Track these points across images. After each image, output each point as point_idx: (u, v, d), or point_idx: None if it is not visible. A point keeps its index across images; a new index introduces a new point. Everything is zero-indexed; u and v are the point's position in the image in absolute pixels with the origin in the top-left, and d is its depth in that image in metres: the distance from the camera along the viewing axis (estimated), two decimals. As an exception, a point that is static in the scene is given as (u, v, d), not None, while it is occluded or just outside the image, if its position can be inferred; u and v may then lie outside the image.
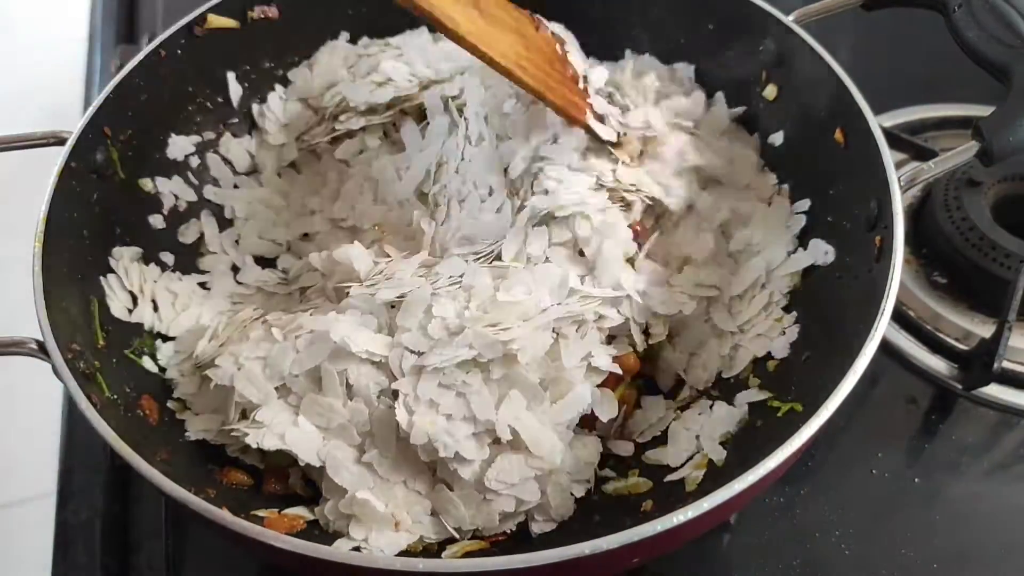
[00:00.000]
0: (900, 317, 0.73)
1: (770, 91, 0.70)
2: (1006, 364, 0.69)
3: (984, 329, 0.71)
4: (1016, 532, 0.64)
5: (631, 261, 0.64)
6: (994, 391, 0.69)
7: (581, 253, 0.63)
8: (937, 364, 0.71)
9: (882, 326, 0.51)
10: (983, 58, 0.62)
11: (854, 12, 0.69)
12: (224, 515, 0.46)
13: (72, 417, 0.68)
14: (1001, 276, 0.71)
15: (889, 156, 0.58)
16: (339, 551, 0.50)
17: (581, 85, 0.67)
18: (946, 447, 0.68)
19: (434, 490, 0.55)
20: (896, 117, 0.85)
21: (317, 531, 0.55)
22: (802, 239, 0.66)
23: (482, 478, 0.54)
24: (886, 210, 0.56)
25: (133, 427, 0.56)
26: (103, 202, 0.65)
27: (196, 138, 0.74)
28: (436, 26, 0.58)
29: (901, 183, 0.57)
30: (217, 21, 0.72)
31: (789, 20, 0.67)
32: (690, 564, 0.61)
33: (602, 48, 0.78)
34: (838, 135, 0.63)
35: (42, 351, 0.53)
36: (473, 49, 0.59)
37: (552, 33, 0.69)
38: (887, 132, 0.61)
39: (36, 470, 1.05)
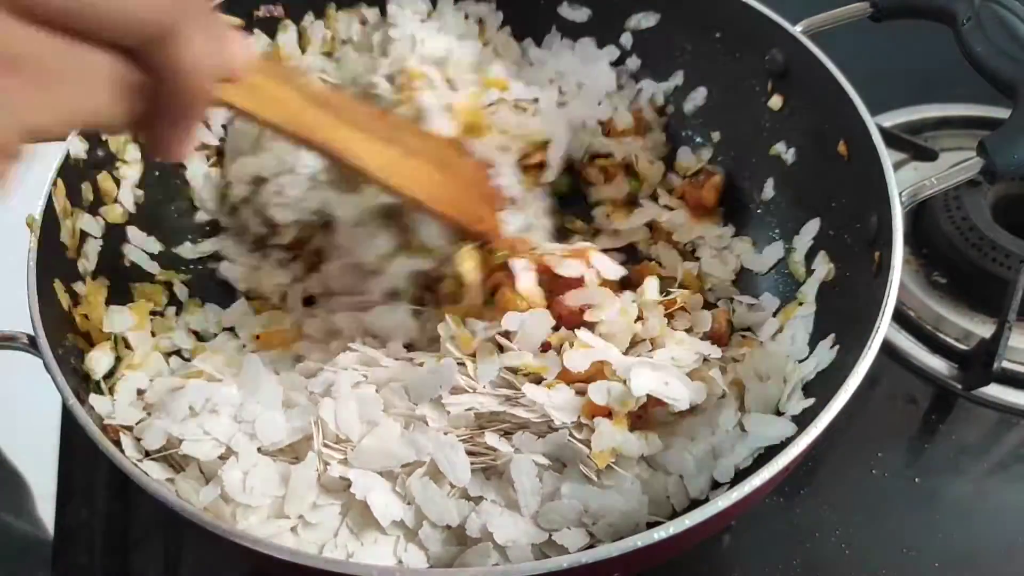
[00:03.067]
0: (900, 317, 0.73)
1: (775, 101, 0.70)
2: (1006, 364, 0.69)
3: (984, 329, 0.71)
4: (1016, 532, 0.64)
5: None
6: (994, 391, 0.69)
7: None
8: (937, 364, 0.71)
9: (873, 349, 0.50)
10: (991, 72, 0.61)
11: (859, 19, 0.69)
12: (212, 520, 0.46)
13: (71, 417, 0.68)
14: (1001, 276, 0.71)
15: (892, 173, 0.57)
16: (331, 559, 0.49)
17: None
18: (946, 447, 0.68)
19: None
20: (896, 117, 0.85)
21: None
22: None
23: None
24: (886, 226, 0.56)
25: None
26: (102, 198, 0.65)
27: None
28: (342, 165, 0.57)
29: (902, 199, 0.56)
30: (223, 19, 0.72)
31: (796, 30, 0.67)
32: (690, 564, 0.61)
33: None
34: (842, 147, 0.63)
35: (33, 346, 0.53)
36: (380, 183, 0.59)
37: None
38: (887, 132, 0.61)
39: (33, 472, 1.05)
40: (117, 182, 0.66)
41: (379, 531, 0.52)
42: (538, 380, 0.57)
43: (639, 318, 0.61)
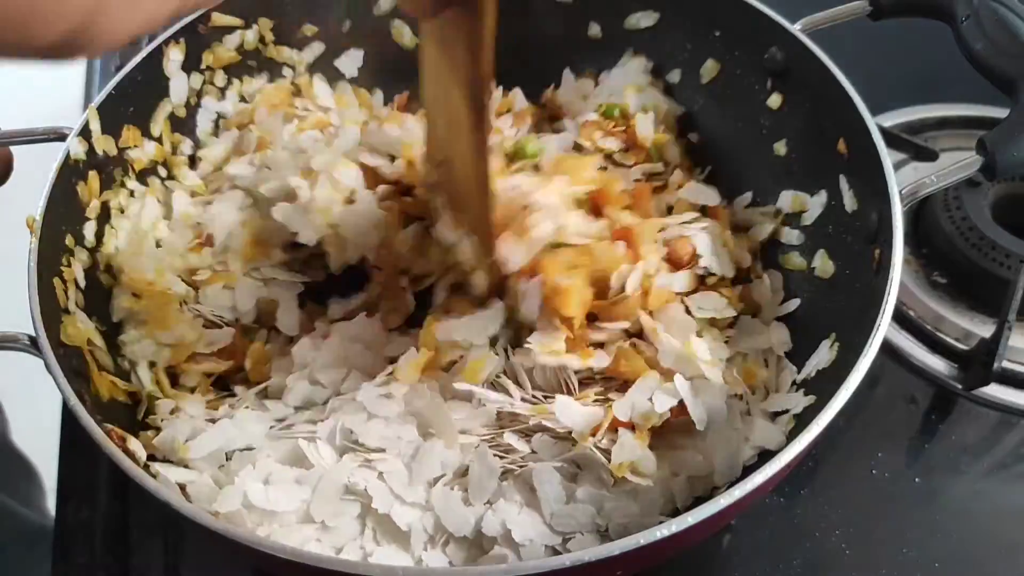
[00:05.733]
0: (900, 317, 0.73)
1: (775, 100, 0.70)
2: (1006, 364, 0.69)
3: (984, 329, 0.71)
4: (1016, 532, 0.64)
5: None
6: (994, 391, 0.69)
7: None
8: (937, 364, 0.71)
9: (875, 346, 0.50)
10: (990, 70, 0.62)
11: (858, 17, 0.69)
12: (212, 520, 0.46)
13: (71, 415, 0.68)
14: (1001, 276, 0.70)
15: (891, 170, 0.58)
16: (335, 559, 0.50)
17: None
18: (946, 447, 0.68)
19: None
20: (896, 117, 0.85)
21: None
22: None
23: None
24: (886, 224, 0.56)
25: (125, 426, 0.56)
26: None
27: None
28: None
29: (902, 196, 0.57)
30: (222, 20, 0.72)
31: (795, 29, 0.67)
32: (690, 564, 0.61)
33: (607, 52, 0.79)
34: (841, 146, 0.63)
35: (34, 347, 0.53)
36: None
37: None
38: (887, 132, 0.61)
39: (44, 466, 1.05)
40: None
41: (400, 534, 0.53)
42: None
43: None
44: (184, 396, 0.61)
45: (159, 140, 0.70)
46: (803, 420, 0.53)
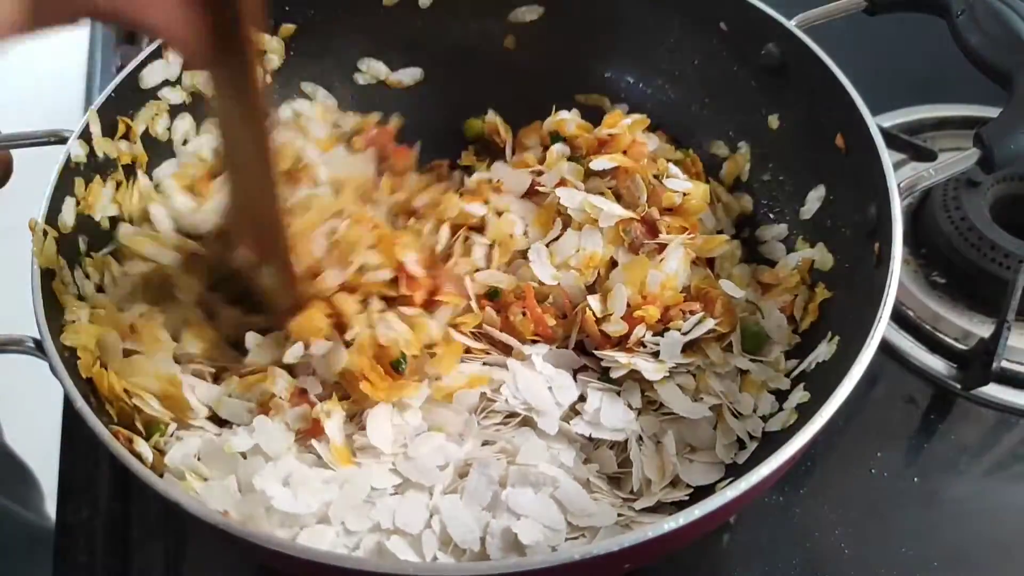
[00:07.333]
0: (899, 317, 0.73)
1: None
2: (1005, 364, 0.69)
3: (983, 329, 0.71)
4: (1016, 532, 0.64)
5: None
6: (993, 391, 0.69)
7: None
8: (936, 364, 0.71)
9: (876, 338, 0.50)
10: (986, 64, 0.62)
11: (854, 13, 0.69)
12: (219, 518, 0.46)
13: (72, 416, 0.68)
14: (1000, 276, 0.71)
15: (889, 163, 0.58)
16: (334, 554, 0.50)
17: None
18: (945, 447, 0.68)
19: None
20: (896, 117, 0.85)
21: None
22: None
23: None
24: (885, 217, 0.56)
25: (128, 427, 0.56)
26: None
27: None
28: None
29: (900, 189, 0.57)
30: None
31: (791, 24, 0.67)
32: (690, 563, 0.61)
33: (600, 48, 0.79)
34: (839, 140, 0.63)
35: (39, 349, 0.53)
36: None
37: None
38: (886, 132, 0.62)
39: (36, 470, 1.05)
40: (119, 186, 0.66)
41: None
42: None
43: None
44: (187, 414, 0.59)
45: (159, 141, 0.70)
46: (805, 414, 0.54)
